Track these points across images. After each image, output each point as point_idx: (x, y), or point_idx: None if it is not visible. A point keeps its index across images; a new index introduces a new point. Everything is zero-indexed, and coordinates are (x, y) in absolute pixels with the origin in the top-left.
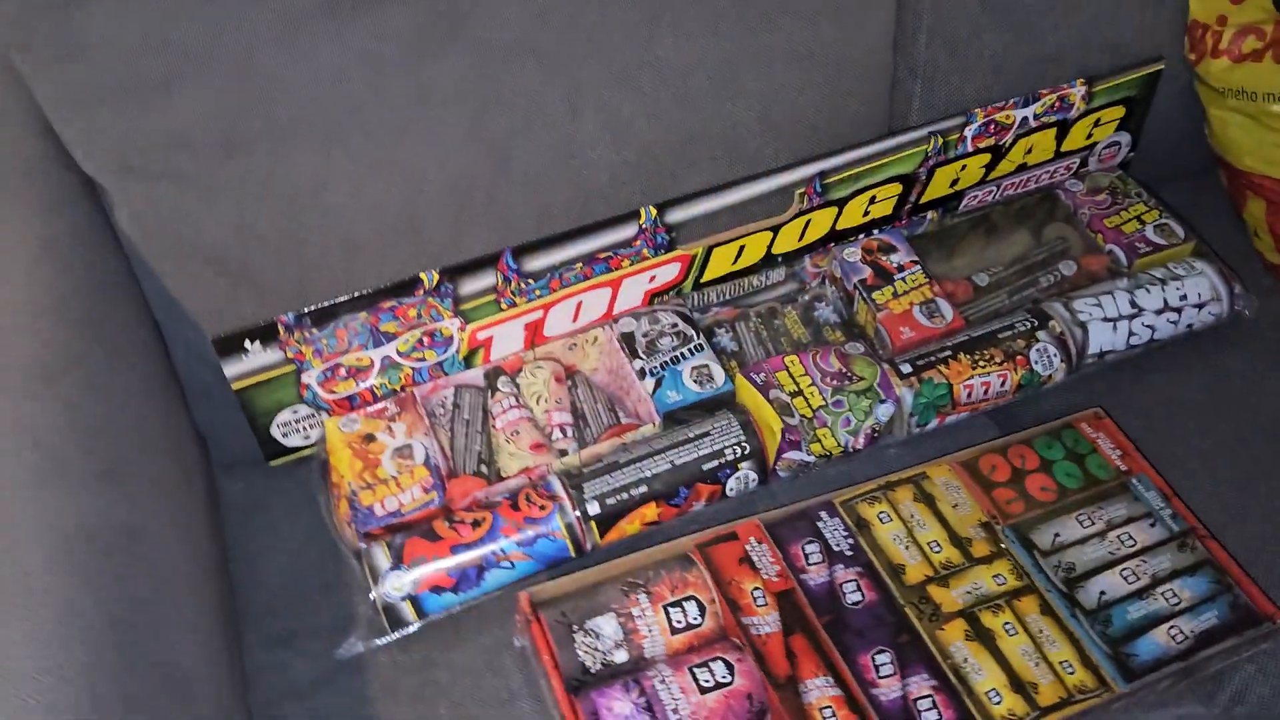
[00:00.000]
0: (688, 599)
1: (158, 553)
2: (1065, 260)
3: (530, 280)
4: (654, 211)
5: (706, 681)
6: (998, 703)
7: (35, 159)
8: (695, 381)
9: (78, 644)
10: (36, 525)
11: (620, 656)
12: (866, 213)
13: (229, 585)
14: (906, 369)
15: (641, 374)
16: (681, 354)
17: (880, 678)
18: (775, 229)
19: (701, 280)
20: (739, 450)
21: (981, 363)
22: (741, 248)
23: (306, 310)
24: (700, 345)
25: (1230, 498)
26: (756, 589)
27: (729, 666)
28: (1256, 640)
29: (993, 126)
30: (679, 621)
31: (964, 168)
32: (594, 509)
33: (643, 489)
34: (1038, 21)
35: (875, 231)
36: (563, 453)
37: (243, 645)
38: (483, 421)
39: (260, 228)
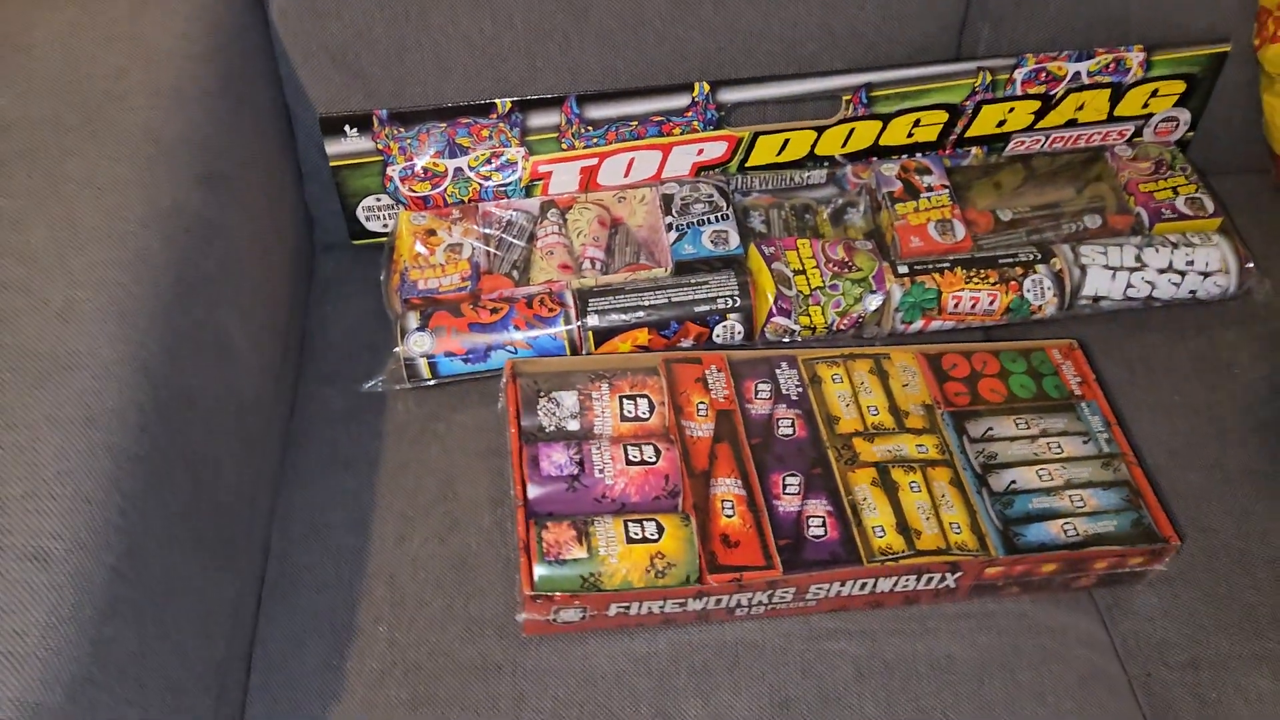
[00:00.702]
0: (642, 396)
1: (235, 255)
2: (1093, 215)
3: (590, 127)
4: (707, 88)
5: (634, 457)
6: (880, 536)
7: None
8: (711, 242)
9: (147, 286)
10: (140, 198)
11: (572, 425)
12: (911, 134)
13: (298, 332)
14: (903, 270)
15: (669, 228)
16: (708, 219)
17: (784, 493)
18: (820, 130)
19: (747, 164)
20: (730, 302)
21: (975, 279)
22: (786, 141)
23: (397, 110)
24: (726, 215)
25: (1179, 448)
26: (702, 403)
27: (656, 451)
28: (1148, 559)
29: (1043, 74)
30: (629, 412)
31: (1012, 110)
32: (594, 320)
33: (639, 314)
34: None
35: (918, 155)
36: (581, 276)
37: (300, 378)
38: (527, 239)
39: (374, 34)
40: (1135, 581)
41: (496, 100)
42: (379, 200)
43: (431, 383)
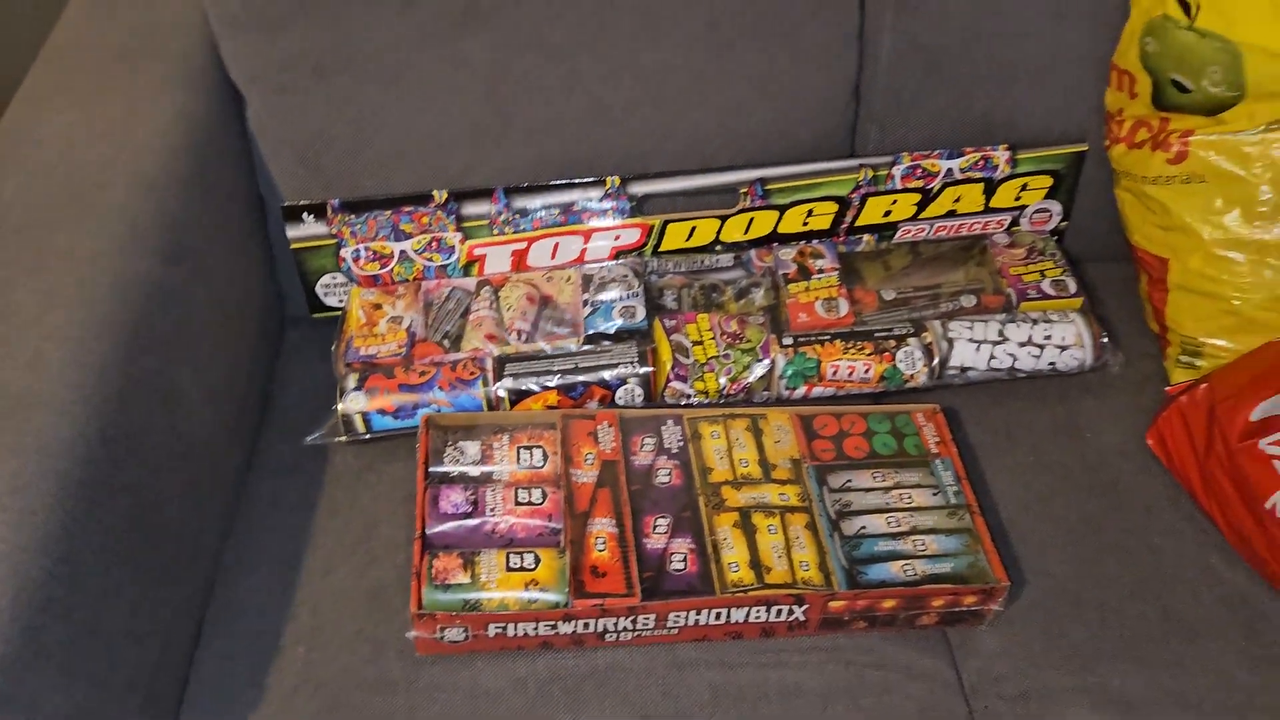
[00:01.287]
0: (538, 446)
1: (192, 320)
2: (969, 295)
3: (518, 215)
4: (618, 182)
5: (523, 499)
6: (734, 571)
7: (203, 63)
8: (620, 316)
9: (106, 342)
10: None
11: (474, 471)
12: (806, 223)
13: (260, 392)
14: (788, 341)
15: (585, 304)
16: (620, 296)
17: (654, 532)
18: (723, 219)
19: (660, 249)
20: (631, 370)
21: (852, 350)
22: (693, 228)
23: (346, 200)
24: (636, 293)
25: (1030, 502)
26: (590, 453)
27: (543, 494)
28: (981, 598)
29: (919, 170)
30: (525, 460)
31: (895, 202)
32: (509, 383)
33: (549, 379)
34: (973, 91)
35: (814, 241)
36: (505, 345)
37: (260, 432)
38: (461, 314)
39: (333, 135)
40: (980, 622)
41: (435, 191)
42: (335, 278)
43: (366, 437)
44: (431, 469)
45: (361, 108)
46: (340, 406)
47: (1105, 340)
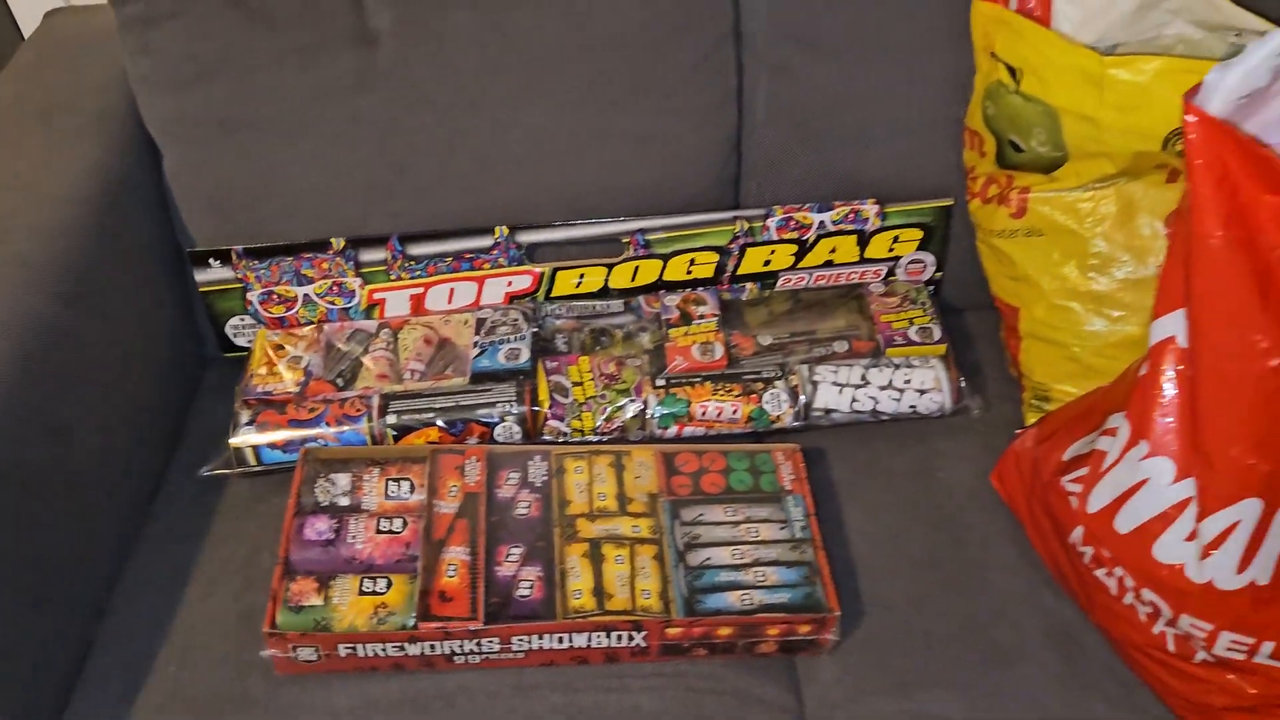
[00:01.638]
0: (406, 479)
1: (84, 359)
2: (841, 341)
3: (413, 262)
4: (506, 231)
5: (384, 528)
6: (577, 598)
7: (123, 118)
8: (505, 358)
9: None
10: (4, 309)
11: (343, 501)
12: (689, 271)
13: (168, 428)
14: (661, 383)
15: (474, 345)
16: (508, 339)
17: (505, 561)
18: (609, 267)
19: (551, 294)
20: (509, 409)
21: (721, 392)
22: (582, 276)
23: (249, 247)
24: (524, 336)
25: (880, 538)
26: (455, 485)
27: (404, 523)
28: (814, 627)
29: (793, 222)
30: (393, 492)
31: (773, 252)
32: (392, 420)
33: (431, 415)
34: (840, 149)
35: (700, 289)
36: (396, 384)
37: (168, 466)
38: (359, 354)
39: (235, 186)
40: (820, 651)
41: (333, 239)
42: (243, 320)
43: (258, 469)
44: (303, 499)
45: (264, 160)
46: (232, 440)
47: (963, 385)
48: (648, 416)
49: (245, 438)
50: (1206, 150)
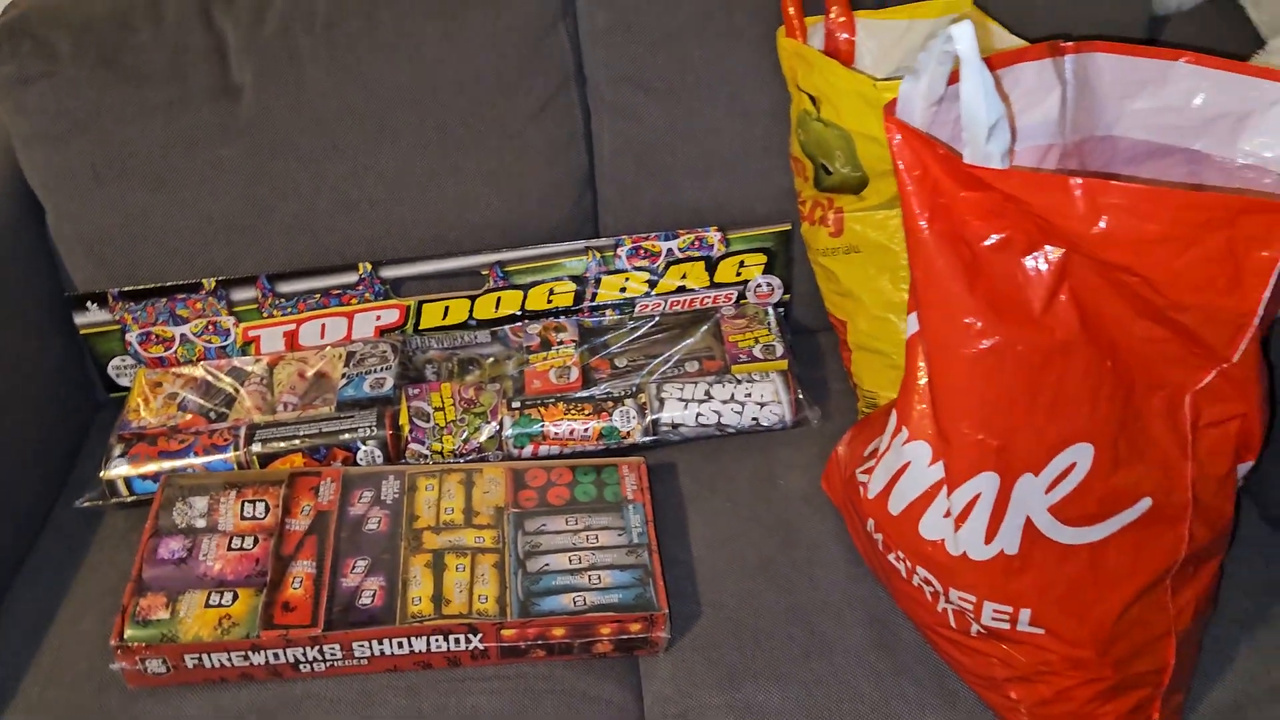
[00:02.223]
0: (261, 500)
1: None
2: (693, 361)
3: (283, 299)
4: (370, 267)
5: (235, 545)
6: (416, 604)
7: (5, 174)
8: (370, 387)
9: None
10: None
11: (200, 523)
12: (550, 300)
13: (56, 467)
14: (516, 405)
15: (342, 377)
16: (374, 369)
17: (351, 573)
18: (472, 298)
19: (420, 327)
20: (369, 433)
21: (573, 411)
22: (447, 308)
23: (123, 290)
24: (389, 366)
25: (718, 542)
26: (308, 505)
27: (255, 541)
28: (644, 625)
29: (642, 251)
30: (248, 513)
31: (628, 280)
32: (258, 448)
33: (295, 442)
34: (680, 182)
35: (561, 317)
36: (267, 415)
37: (57, 503)
38: (234, 389)
39: (111, 233)
40: (656, 649)
41: (204, 280)
42: (125, 360)
43: (130, 500)
44: (160, 521)
45: (136, 208)
46: (104, 473)
47: (801, 397)
48: (504, 437)
49: (117, 470)
50: (907, 154)
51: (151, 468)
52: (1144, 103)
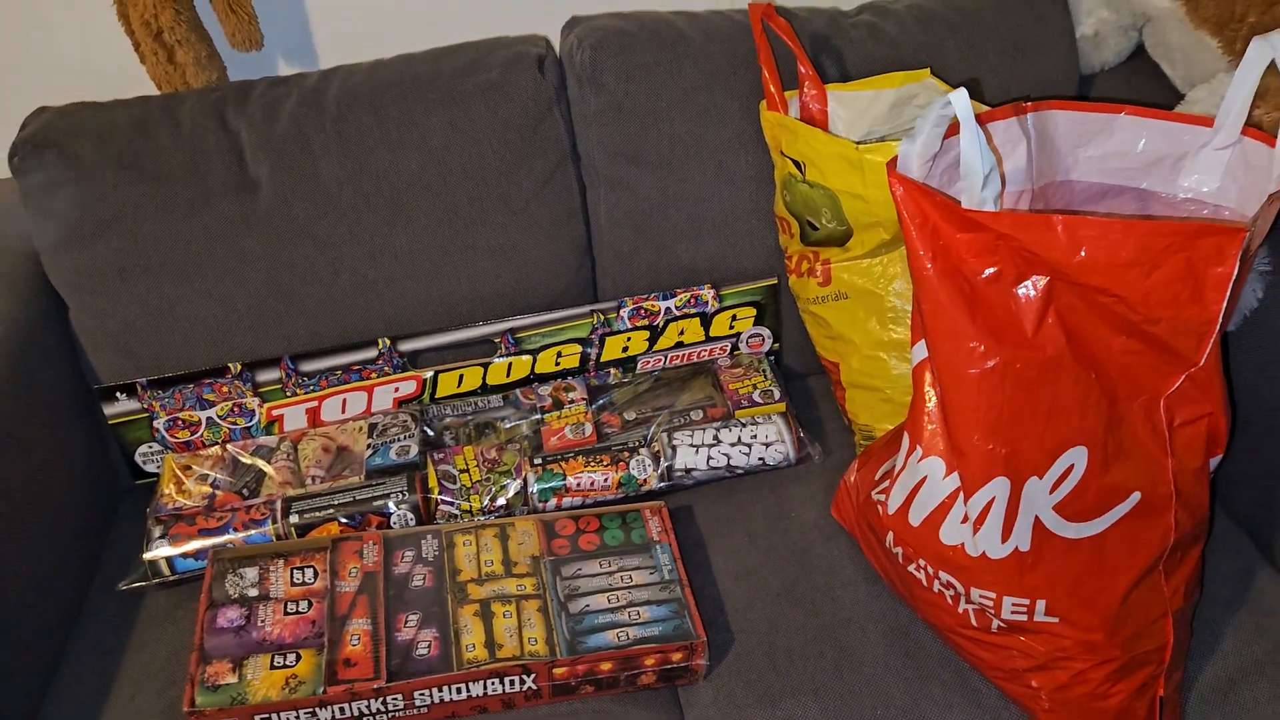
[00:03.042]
0: (310, 566)
1: (16, 501)
2: (697, 410)
3: (306, 378)
4: (389, 342)
5: (291, 610)
6: (470, 651)
7: (28, 275)
8: (396, 455)
9: None
10: None
11: (252, 592)
12: (558, 363)
13: (89, 552)
14: (538, 461)
15: (368, 447)
16: (398, 438)
17: (405, 627)
18: (485, 366)
19: (436, 396)
20: (401, 498)
21: (592, 464)
22: (461, 376)
23: (153, 379)
24: (412, 434)
25: (742, 574)
26: (355, 567)
27: (310, 604)
28: (685, 654)
29: (643, 311)
30: (298, 579)
31: (629, 339)
32: (295, 519)
33: (330, 512)
34: (674, 245)
35: (569, 378)
36: (299, 489)
37: (90, 586)
38: (261, 466)
39: (138, 326)
40: (696, 677)
41: (230, 364)
42: (151, 447)
43: (173, 579)
44: (214, 594)
45: (162, 301)
46: (146, 554)
47: (803, 436)
48: (529, 493)
49: (158, 551)
50: (910, 204)
51: (193, 546)
52: (1095, 150)
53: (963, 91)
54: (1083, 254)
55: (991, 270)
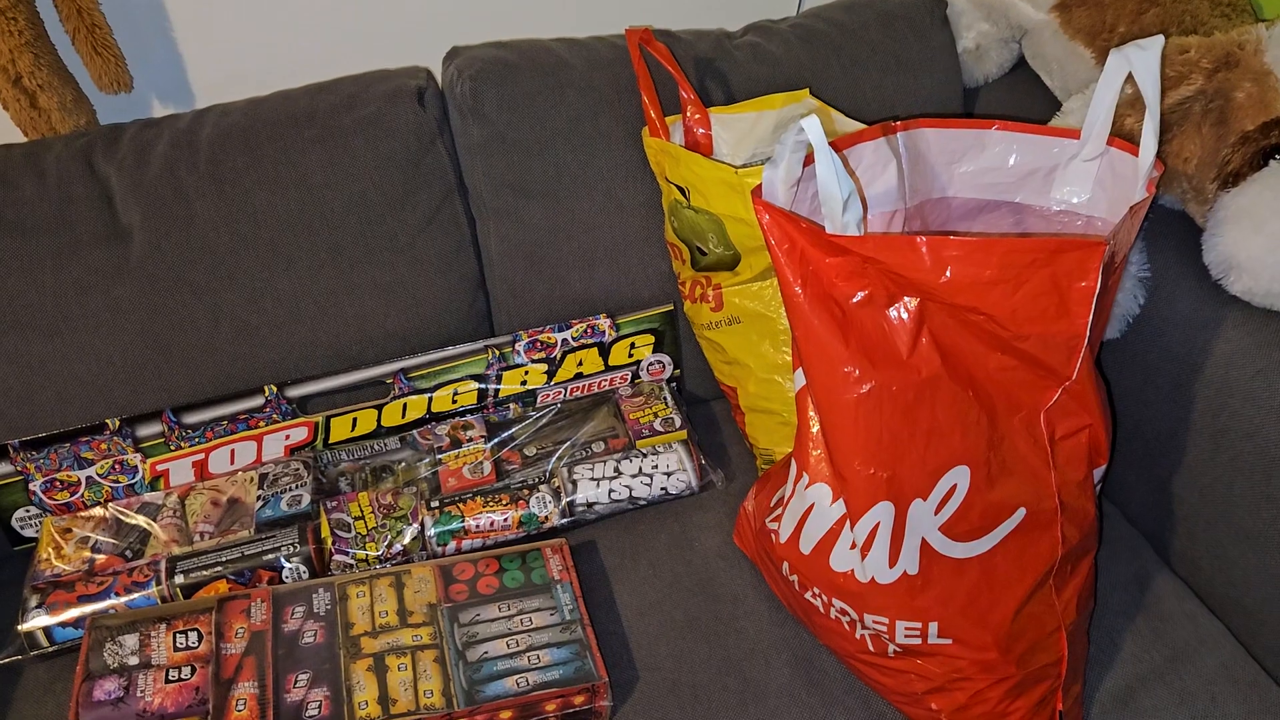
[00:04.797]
0: (193, 629)
1: None
2: (599, 442)
3: (189, 430)
4: (275, 389)
5: (173, 677)
6: (364, 709)
7: None
8: (287, 505)
9: None
10: None
11: (132, 660)
12: (455, 400)
13: None
14: (435, 504)
15: (258, 499)
16: (289, 488)
17: (294, 688)
18: (379, 408)
19: (329, 441)
20: (291, 550)
21: (491, 503)
22: (355, 419)
23: (25, 439)
24: (304, 483)
25: (645, 608)
26: (241, 627)
27: (193, 670)
28: (587, 696)
29: (539, 343)
30: (181, 643)
31: (527, 373)
32: (180, 580)
33: (217, 570)
34: (567, 275)
35: (467, 416)
36: (185, 547)
37: None
38: (147, 525)
39: (7, 385)
40: (601, 718)
41: (108, 420)
42: (29, 511)
43: (52, 650)
44: (91, 665)
45: (30, 358)
46: (22, 626)
47: (704, 463)
48: (427, 537)
49: (34, 621)
50: (776, 230)
51: (73, 613)
52: (968, 166)
53: (814, 119)
54: (948, 274)
55: (862, 294)
